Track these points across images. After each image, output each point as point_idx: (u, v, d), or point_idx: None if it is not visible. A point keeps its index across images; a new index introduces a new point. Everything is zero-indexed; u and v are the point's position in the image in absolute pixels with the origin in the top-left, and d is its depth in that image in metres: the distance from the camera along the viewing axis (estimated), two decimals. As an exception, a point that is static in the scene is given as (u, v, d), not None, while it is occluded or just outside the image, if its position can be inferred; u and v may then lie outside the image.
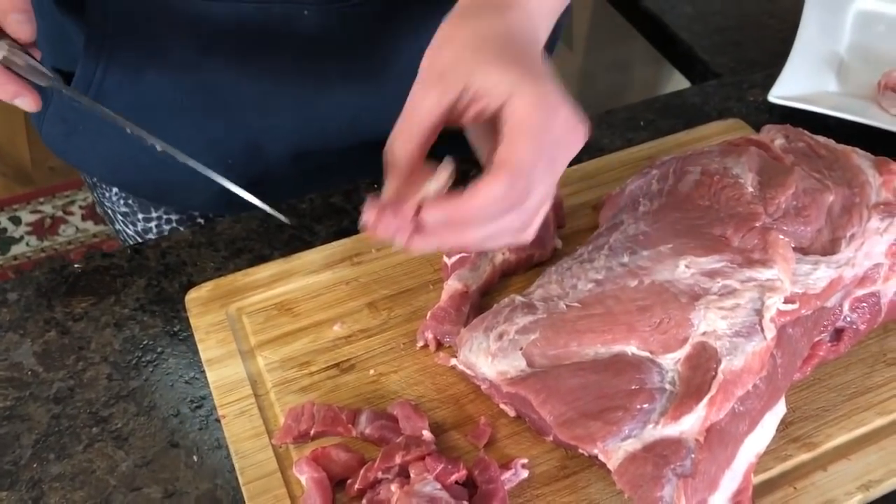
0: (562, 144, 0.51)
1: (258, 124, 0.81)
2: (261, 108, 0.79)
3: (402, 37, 0.78)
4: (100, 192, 0.93)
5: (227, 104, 0.79)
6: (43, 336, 0.67)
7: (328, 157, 0.84)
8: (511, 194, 0.49)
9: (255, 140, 0.82)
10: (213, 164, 0.84)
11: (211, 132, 0.80)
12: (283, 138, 0.82)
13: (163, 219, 0.91)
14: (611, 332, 0.56)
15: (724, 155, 0.65)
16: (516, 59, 0.51)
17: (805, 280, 0.57)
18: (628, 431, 0.52)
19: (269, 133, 0.82)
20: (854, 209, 0.61)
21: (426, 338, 0.63)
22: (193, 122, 0.80)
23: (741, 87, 0.91)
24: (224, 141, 0.81)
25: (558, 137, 0.50)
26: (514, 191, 0.49)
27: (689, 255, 0.57)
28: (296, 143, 0.83)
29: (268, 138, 0.82)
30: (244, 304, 0.67)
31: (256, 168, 0.85)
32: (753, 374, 0.53)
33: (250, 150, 0.82)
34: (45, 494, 0.58)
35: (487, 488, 0.53)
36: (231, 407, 0.60)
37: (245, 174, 0.85)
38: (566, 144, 0.51)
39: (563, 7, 0.60)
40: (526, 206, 0.50)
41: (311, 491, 0.53)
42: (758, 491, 0.55)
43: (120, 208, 0.92)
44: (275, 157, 0.83)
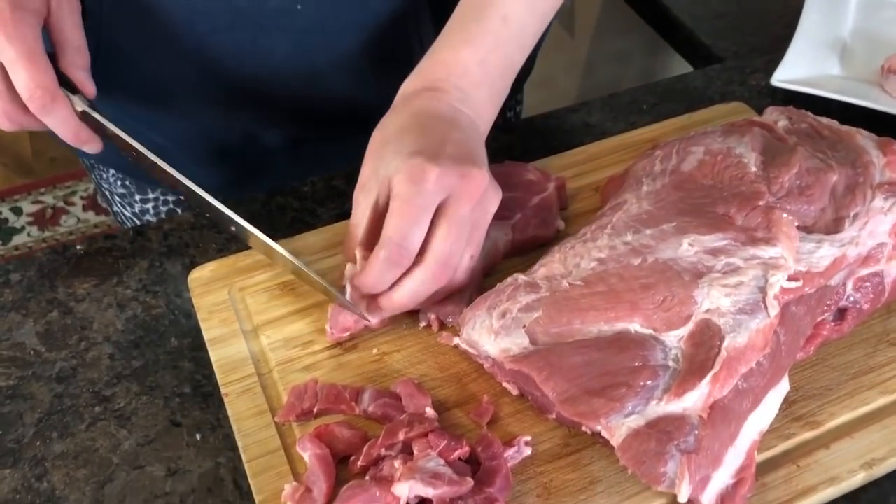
0: (455, 202, 0.57)
1: (254, 115, 0.81)
2: (256, 100, 0.80)
3: (395, 29, 0.78)
4: (97, 173, 0.93)
5: (223, 97, 0.79)
6: (45, 316, 0.67)
7: (324, 145, 0.85)
8: (393, 260, 0.57)
9: (251, 130, 0.82)
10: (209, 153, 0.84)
11: (207, 123, 0.81)
12: (279, 128, 0.82)
13: (160, 200, 0.91)
14: (614, 310, 0.56)
15: (728, 135, 0.65)
16: (416, 140, 0.58)
17: (809, 258, 0.57)
18: (631, 408, 0.52)
19: (264, 124, 0.82)
20: (858, 189, 0.61)
21: (429, 318, 0.63)
22: (189, 114, 0.80)
23: (744, 71, 0.91)
24: (220, 131, 0.82)
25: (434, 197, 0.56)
26: (395, 257, 0.56)
27: (693, 233, 0.57)
28: (292, 132, 0.83)
29: (264, 129, 0.82)
30: (247, 284, 0.67)
31: (253, 157, 0.85)
32: (757, 351, 0.53)
33: (247, 140, 0.83)
34: (48, 472, 0.58)
35: (491, 465, 0.53)
36: (234, 386, 0.60)
37: (242, 163, 0.85)
38: (458, 198, 0.57)
39: (522, 59, 0.67)
40: (426, 266, 0.57)
41: (315, 467, 0.53)
42: (761, 469, 0.55)
43: (117, 189, 0.92)
44: (271, 146, 0.83)
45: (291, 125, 0.83)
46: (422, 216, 0.56)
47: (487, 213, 0.60)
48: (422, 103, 0.62)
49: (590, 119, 0.85)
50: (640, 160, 0.68)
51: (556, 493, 0.54)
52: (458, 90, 0.62)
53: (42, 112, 0.61)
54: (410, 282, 0.58)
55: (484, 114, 0.64)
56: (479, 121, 0.64)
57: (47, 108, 0.61)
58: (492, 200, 0.60)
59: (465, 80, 0.63)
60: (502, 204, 0.68)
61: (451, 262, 0.58)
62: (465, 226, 0.58)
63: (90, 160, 0.92)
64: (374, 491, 0.51)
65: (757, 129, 0.65)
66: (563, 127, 0.84)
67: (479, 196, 0.58)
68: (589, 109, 0.86)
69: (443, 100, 0.62)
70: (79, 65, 0.65)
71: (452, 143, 0.58)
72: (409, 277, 0.58)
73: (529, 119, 0.85)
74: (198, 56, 0.76)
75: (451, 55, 0.64)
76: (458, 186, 0.57)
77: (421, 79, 0.64)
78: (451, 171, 0.56)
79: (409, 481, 0.50)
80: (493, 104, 0.65)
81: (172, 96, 0.79)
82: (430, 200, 0.56)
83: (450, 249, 0.57)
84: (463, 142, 0.59)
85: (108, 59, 0.74)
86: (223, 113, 0.80)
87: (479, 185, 0.57)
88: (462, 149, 0.58)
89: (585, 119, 0.85)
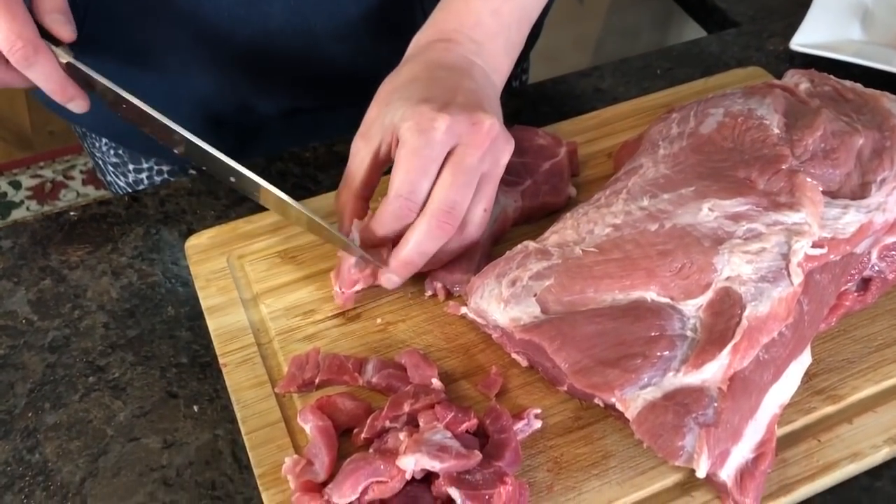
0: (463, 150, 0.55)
1: (249, 83, 0.78)
2: (251, 68, 0.77)
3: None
4: (90, 142, 0.90)
5: (218, 63, 0.76)
6: (38, 284, 0.65)
7: (321, 115, 0.82)
8: (403, 213, 0.55)
9: (246, 99, 0.80)
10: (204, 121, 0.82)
11: (202, 91, 0.78)
12: (275, 96, 0.80)
13: (154, 170, 0.89)
14: (629, 278, 0.53)
15: (748, 97, 0.62)
16: (426, 89, 0.56)
17: (834, 224, 0.54)
18: (647, 379, 0.50)
19: (260, 92, 0.80)
20: (885, 153, 0.58)
21: (435, 287, 0.61)
22: (182, 82, 0.77)
23: (761, 35, 0.87)
24: (215, 99, 0.79)
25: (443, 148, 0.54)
26: (404, 210, 0.55)
27: (713, 197, 0.55)
28: (288, 102, 0.81)
29: (259, 97, 0.80)
30: (246, 251, 0.64)
31: (249, 125, 0.83)
32: (779, 320, 0.51)
33: (242, 108, 0.80)
34: (41, 444, 0.56)
35: (499, 438, 0.51)
36: (233, 356, 0.58)
37: (238, 131, 0.82)
38: (467, 146, 0.55)
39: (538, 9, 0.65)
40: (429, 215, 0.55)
41: (316, 439, 0.51)
42: (781, 444, 0.52)
43: (110, 159, 0.89)
44: (267, 114, 0.81)
45: (287, 94, 0.81)
46: (430, 167, 0.54)
47: (499, 164, 0.57)
48: (434, 55, 0.60)
49: (601, 84, 0.82)
50: (656, 123, 0.65)
51: (567, 467, 0.52)
52: (471, 41, 0.61)
53: (24, 65, 0.57)
54: (415, 233, 0.55)
55: (498, 66, 0.62)
56: (493, 74, 0.62)
57: (29, 60, 0.57)
58: (503, 150, 0.57)
59: (479, 31, 0.61)
60: (512, 170, 0.66)
61: (456, 212, 0.55)
62: (474, 175, 0.55)
63: (82, 129, 0.90)
64: (379, 464, 0.48)
65: (779, 91, 0.63)
66: (573, 92, 0.81)
67: (489, 145, 0.55)
68: (601, 74, 0.83)
69: (455, 51, 0.60)
70: (53, 7, 0.60)
71: (463, 92, 0.56)
72: (414, 229, 0.55)
73: (539, 84, 0.82)
74: (192, 20, 0.73)
75: (463, 5, 0.62)
76: (467, 134, 0.54)
77: (434, 30, 0.62)
78: (460, 119, 0.54)
79: (414, 454, 0.48)
80: (508, 56, 0.63)
81: (165, 64, 0.77)
82: (439, 150, 0.54)
83: (455, 197, 0.55)
84: (474, 91, 0.57)
85: (98, 25, 0.71)
86: (218, 81, 0.78)
87: (489, 133, 0.55)
88: (473, 98, 0.56)
89: (597, 84, 0.82)
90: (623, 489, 0.51)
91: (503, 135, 0.57)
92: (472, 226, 0.58)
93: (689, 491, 0.51)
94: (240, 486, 0.53)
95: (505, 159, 0.58)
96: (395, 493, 0.49)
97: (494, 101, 0.59)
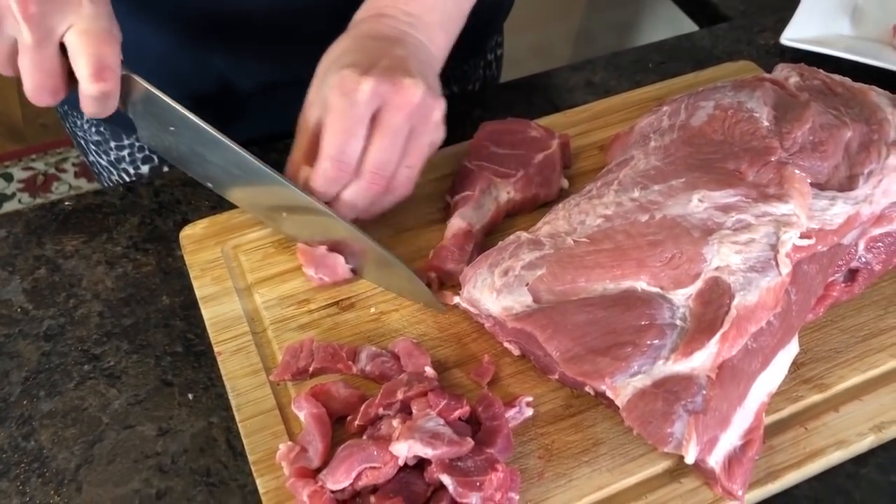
0: (387, 111, 0.57)
1: (228, 61, 0.79)
2: (230, 47, 0.77)
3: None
4: (71, 120, 0.90)
5: (196, 42, 0.76)
6: (33, 273, 0.65)
7: (300, 90, 0.82)
8: (332, 174, 0.58)
9: (224, 76, 0.80)
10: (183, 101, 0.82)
11: (179, 69, 0.78)
12: (254, 75, 0.81)
13: (135, 146, 0.88)
14: (620, 268, 0.54)
15: (738, 90, 0.63)
16: (352, 57, 0.58)
17: (822, 216, 0.55)
18: (637, 367, 0.50)
19: (238, 70, 0.80)
20: (872, 146, 0.59)
21: (430, 278, 0.61)
22: (161, 60, 0.77)
23: (751, 30, 0.88)
24: (193, 78, 0.79)
25: (366, 109, 0.56)
26: (334, 171, 0.57)
27: (703, 189, 0.55)
28: (265, 77, 0.81)
29: (238, 75, 0.80)
30: (240, 241, 0.65)
31: (228, 104, 0.83)
32: (767, 310, 0.51)
33: (221, 87, 0.81)
34: (36, 431, 0.56)
35: (491, 425, 0.52)
36: (227, 344, 0.58)
37: (217, 110, 0.82)
38: (390, 107, 0.57)
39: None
40: (361, 176, 0.58)
41: (310, 426, 0.52)
42: (769, 431, 0.53)
43: (92, 137, 0.89)
44: (246, 92, 0.82)
45: (266, 69, 0.81)
46: (355, 127, 0.57)
47: (427, 121, 0.59)
48: (365, 27, 0.62)
49: (593, 78, 0.83)
50: (647, 116, 0.65)
51: (558, 454, 0.53)
52: (405, 14, 0.62)
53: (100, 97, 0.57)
54: (348, 192, 0.59)
55: (435, 38, 0.63)
56: (430, 45, 0.63)
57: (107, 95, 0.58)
58: (431, 108, 0.59)
59: (413, 5, 0.62)
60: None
61: (384, 171, 0.58)
62: (399, 135, 0.58)
63: (64, 107, 0.89)
64: (372, 450, 0.49)
65: (768, 84, 0.63)
66: (565, 85, 0.82)
67: (414, 105, 0.57)
68: (593, 68, 0.84)
69: (387, 23, 0.62)
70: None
71: (389, 58, 0.58)
72: (347, 189, 0.59)
73: (532, 77, 0.83)
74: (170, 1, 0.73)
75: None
76: (390, 95, 0.56)
77: (370, 6, 0.64)
78: (382, 81, 0.56)
79: (407, 441, 0.48)
80: (444, 29, 0.64)
81: (143, 41, 0.76)
82: (362, 111, 0.56)
83: (382, 158, 0.57)
84: (402, 57, 0.59)
85: None
86: (197, 57, 0.78)
87: (412, 94, 0.57)
88: (399, 63, 0.58)
89: (589, 77, 0.83)
90: (613, 476, 0.52)
91: (430, 95, 0.58)
92: (400, 180, 0.60)
93: (678, 477, 0.52)
94: (234, 473, 0.54)
95: (435, 117, 0.59)
96: (388, 479, 0.49)
97: (426, 67, 0.61)
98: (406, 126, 0.58)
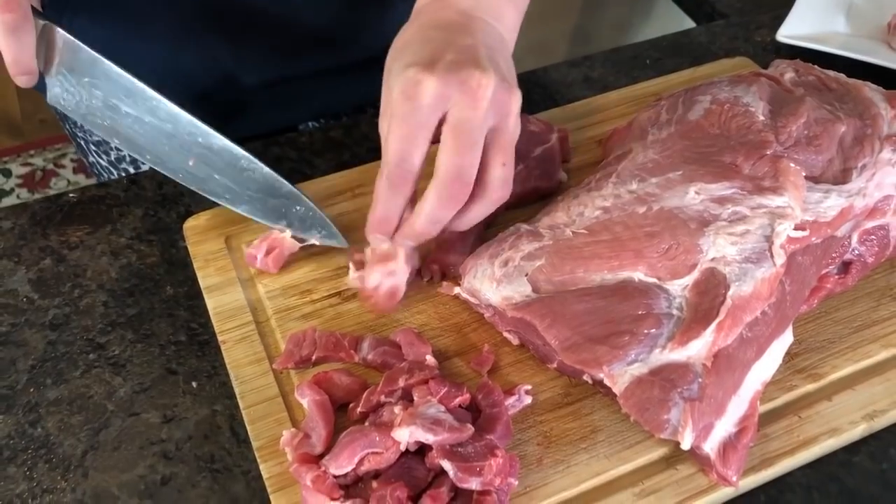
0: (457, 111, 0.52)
1: (230, 56, 0.79)
2: (232, 41, 0.78)
3: None
4: (71, 122, 0.91)
5: (199, 37, 0.77)
6: (38, 264, 0.66)
7: (300, 84, 0.83)
8: (395, 185, 0.53)
9: (227, 71, 0.80)
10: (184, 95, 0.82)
11: (182, 64, 0.79)
12: (255, 69, 0.81)
13: None
14: (618, 259, 0.55)
15: (735, 85, 0.64)
16: (414, 52, 0.53)
17: (816, 208, 0.56)
18: (635, 356, 0.51)
19: (241, 64, 0.80)
20: (866, 140, 0.60)
21: (432, 269, 0.62)
22: (164, 55, 0.78)
23: (748, 27, 0.89)
24: (196, 72, 0.80)
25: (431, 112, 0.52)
26: (396, 181, 0.53)
27: (699, 181, 0.56)
28: (268, 72, 0.81)
29: (240, 69, 0.80)
30: (243, 232, 0.66)
31: (230, 98, 0.83)
32: (762, 300, 0.52)
33: (223, 82, 0.81)
34: (43, 418, 0.57)
35: (491, 412, 0.53)
36: (231, 333, 0.59)
37: (219, 105, 0.83)
38: (461, 107, 0.51)
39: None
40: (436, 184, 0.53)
41: (313, 413, 0.53)
42: (763, 420, 0.54)
43: (92, 137, 0.90)
44: (248, 87, 0.82)
45: (269, 64, 0.81)
46: (419, 134, 0.52)
47: (508, 116, 0.54)
48: (427, 16, 0.57)
49: (592, 73, 0.84)
50: (645, 111, 0.67)
51: (556, 441, 0.54)
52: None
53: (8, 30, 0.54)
54: (426, 203, 0.53)
55: (504, 16, 0.58)
56: (497, 24, 0.57)
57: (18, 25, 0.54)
58: (507, 102, 0.53)
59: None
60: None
61: (464, 176, 0.52)
62: (476, 134, 0.52)
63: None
64: (374, 436, 0.50)
65: (764, 79, 0.64)
66: (564, 81, 0.83)
67: (486, 100, 0.51)
68: (591, 64, 0.85)
69: (450, 8, 0.57)
70: None
71: (455, 49, 0.53)
72: (425, 199, 0.53)
73: (531, 72, 0.84)
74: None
75: None
76: (459, 93, 0.51)
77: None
78: (448, 79, 0.51)
79: (409, 427, 0.49)
80: (513, 4, 0.59)
81: (147, 38, 0.77)
82: (427, 115, 0.52)
83: (458, 161, 0.52)
84: (470, 46, 0.54)
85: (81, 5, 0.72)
86: (200, 54, 0.78)
87: (482, 89, 0.51)
88: (466, 54, 0.53)
89: (587, 73, 0.84)
90: (610, 462, 0.53)
91: (501, 86, 0.52)
92: (494, 184, 0.54)
93: (675, 464, 0.53)
94: (238, 460, 0.55)
95: (513, 109, 0.54)
96: (389, 465, 0.50)
97: (497, 53, 0.55)
98: (482, 125, 0.52)
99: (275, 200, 0.61)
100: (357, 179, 0.69)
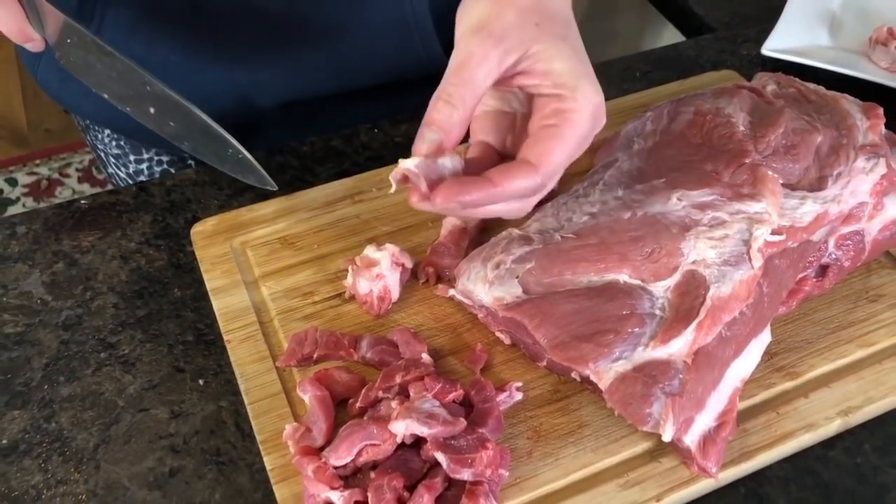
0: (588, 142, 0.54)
1: (247, 78, 0.82)
2: (249, 63, 0.81)
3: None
4: (92, 134, 0.94)
5: (217, 60, 0.80)
6: (51, 267, 0.69)
7: (316, 105, 0.85)
8: (536, 189, 0.52)
9: (244, 93, 0.83)
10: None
11: (201, 87, 0.82)
12: (272, 91, 0.84)
13: (154, 160, 0.92)
14: (604, 261, 0.58)
15: (717, 97, 0.67)
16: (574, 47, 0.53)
17: (792, 214, 0.59)
18: (619, 353, 0.54)
19: (257, 86, 0.83)
20: (841, 149, 0.63)
21: (427, 272, 0.65)
22: (183, 78, 0.81)
23: (735, 41, 0.92)
24: (214, 95, 0.83)
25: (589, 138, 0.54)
26: (539, 187, 0.52)
27: (682, 188, 0.59)
28: (284, 94, 0.84)
29: (257, 91, 0.83)
30: (248, 237, 0.69)
31: (247, 119, 0.86)
32: (740, 300, 0.55)
33: (240, 103, 0.84)
34: (57, 413, 0.60)
35: (483, 407, 0.55)
36: (236, 333, 0.62)
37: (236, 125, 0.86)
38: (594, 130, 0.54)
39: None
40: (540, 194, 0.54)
41: (314, 408, 0.56)
42: (742, 416, 0.57)
43: (112, 150, 0.93)
44: (264, 108, 0.85)
45: (284, 87, 0.84)
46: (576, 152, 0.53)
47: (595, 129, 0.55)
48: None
49: (584, 85, 0.86)
50: (632, 122, 0.70)
51: (545, 435, 0.56)
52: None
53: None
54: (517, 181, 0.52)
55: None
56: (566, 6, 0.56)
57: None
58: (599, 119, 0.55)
59: None
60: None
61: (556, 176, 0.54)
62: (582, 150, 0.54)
63: (85, 121, 0.93)
64: (372, 429, 0.53)
65: (746, 91, 0.67)
66: (557, 93, 0.86)
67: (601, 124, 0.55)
68: (583, 76, 0.87)
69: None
70: None
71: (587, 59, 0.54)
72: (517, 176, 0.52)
73: (525, 84, 0.87)
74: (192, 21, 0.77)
75: None
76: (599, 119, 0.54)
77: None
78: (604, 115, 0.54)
79: (405, 420, 0.52)
80: None
81: (167, 62, 0.80)
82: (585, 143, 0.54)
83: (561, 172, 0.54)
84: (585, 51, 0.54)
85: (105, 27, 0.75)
86: (217, 77, 0.81)
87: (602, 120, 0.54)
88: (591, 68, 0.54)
89: (579, 85, 0.86)
90: (597, 455, 0.55)
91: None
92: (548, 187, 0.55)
93: (658, 457, 0.55)
94: (242, 453, 0.58)
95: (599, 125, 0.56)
96: (387, 456, 0.53)
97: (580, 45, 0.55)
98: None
99: (214, 144, 0.63)
100: (356, 187, 0.72)
